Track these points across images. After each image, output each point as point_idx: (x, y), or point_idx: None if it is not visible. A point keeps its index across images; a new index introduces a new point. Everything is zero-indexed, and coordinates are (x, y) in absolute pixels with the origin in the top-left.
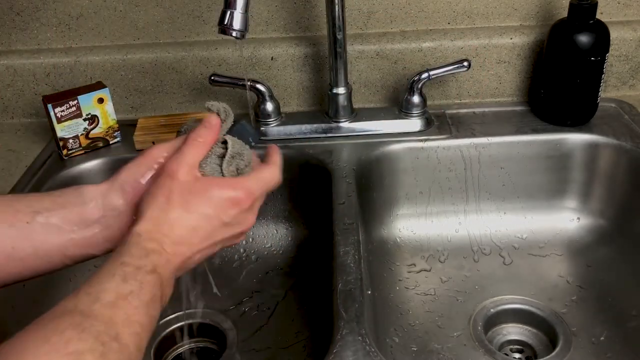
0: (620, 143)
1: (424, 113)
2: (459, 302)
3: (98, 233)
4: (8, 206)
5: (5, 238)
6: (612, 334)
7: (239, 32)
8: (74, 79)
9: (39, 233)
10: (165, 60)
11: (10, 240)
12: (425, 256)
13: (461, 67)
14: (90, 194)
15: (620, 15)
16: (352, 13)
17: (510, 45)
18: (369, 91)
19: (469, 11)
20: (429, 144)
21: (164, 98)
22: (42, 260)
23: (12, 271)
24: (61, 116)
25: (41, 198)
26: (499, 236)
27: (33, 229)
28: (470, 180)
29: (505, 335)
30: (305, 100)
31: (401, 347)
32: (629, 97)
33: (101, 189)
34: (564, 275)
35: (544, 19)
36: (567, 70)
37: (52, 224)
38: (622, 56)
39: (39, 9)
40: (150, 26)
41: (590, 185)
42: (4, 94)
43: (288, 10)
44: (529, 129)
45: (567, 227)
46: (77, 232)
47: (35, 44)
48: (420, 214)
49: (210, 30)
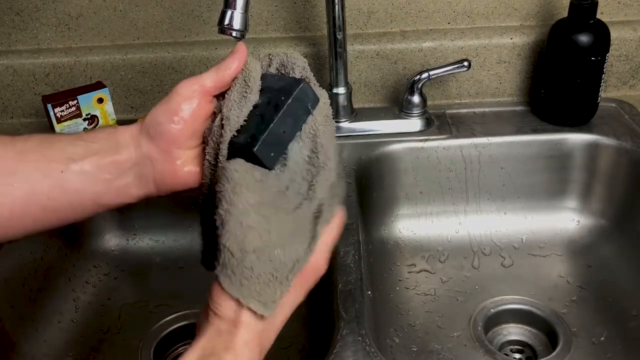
0: (620, 143)
1: (424, 113)
2: (459, 302)
3: (131, 182)
4: (41, 154)
5: (40, 189)
6: (613, 334)
7: (238, 32)
8: (73, 78)
9: (73, 182)
10: (165, 60)
11: (44, 191)
12: (426, 256)
13: (461, 67)
14: (123, 139)
15: (620, 15)
16: (352, 13)
17: (510, 45)
18: (369, 91)
19: (469, 11)
20: (429, 144)
21: (163, 98)
22: (76, 210)
23: (46, 223)
24: (61, 116)
25: (74, 142)
26: (499, 236)
27: (67, 178)
28: (470, 180)
29: (505, 336)
30: None
31: (401, 347)
32: (629, 97)
33: (132, 132)
34: (564, 275)
35: (544, 18)
36: (568, 70)
37: (86, 172)
38: (623, 56)
39: (38, 9)
40: (150, 26)
41: (590, 185)
42: (3, 94)
43: (288, 10)
44: (529, 129)
45: (568, 227)
46: (111, 180)
47: (34, 43)
48: (421, 214)
49: (210, 30)
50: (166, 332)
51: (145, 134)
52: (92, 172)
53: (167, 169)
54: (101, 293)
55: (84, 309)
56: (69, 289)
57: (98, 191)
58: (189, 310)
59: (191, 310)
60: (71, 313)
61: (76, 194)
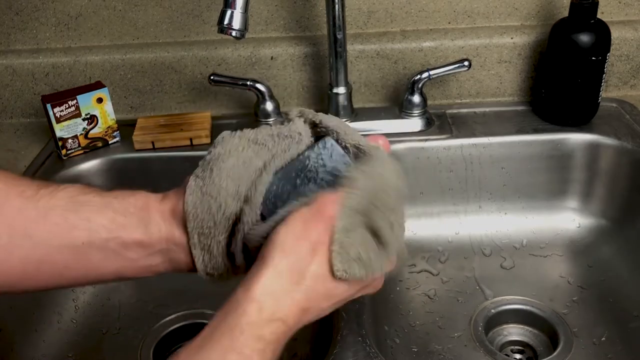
0: (621, 143)
1: (424, 113)
2: (459, 303)
3: (158, 264)
4: (64, 219)
5: (57, 257)
6: (614, 335)
7: (238, 32)
8: (73, 78)
9: (94, 256)
10: (165, 59)
11: (63, 260)
12: (426, 256)
13: (462, 66)
14: (154, 219)
15: (621, 15)
16: (352, 12)
17: (511, 45)
18: (369, 91)
19: (469, 11)
20: (429, 144)
21: (163, 98)
22: (94, 280)
23: (60, 285)
24: (60, 116)
25: (102, 210)
26: (499, 236)
27: (89, 251)
28: (471, 180)
29: (506, 336)
30: (305, 100)
31: (401, 347)
32: (630, 96)
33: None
34: (565, 275)
35: (545, 18)
36: (568, 70)
37: (109, 249)
38: (623, 56)
39: (38, 9)
40: (149, 26)
41: (591, 185)
42: (2, 94)
43: (288, 10)
44: (530, 129)
45: (568, 227)
46: (135, 260)
47: (34, 43)
48: (421, 214)
49: (210, 29)
50: (166, 332)
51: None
52: (116, 250)
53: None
54: (101, 293)
55: (84, 309)
56: (69, 289)
57: (120, 268)
58: (189, 310)
59: (191, 311)
60: (71, 313)
61: (96, 267)
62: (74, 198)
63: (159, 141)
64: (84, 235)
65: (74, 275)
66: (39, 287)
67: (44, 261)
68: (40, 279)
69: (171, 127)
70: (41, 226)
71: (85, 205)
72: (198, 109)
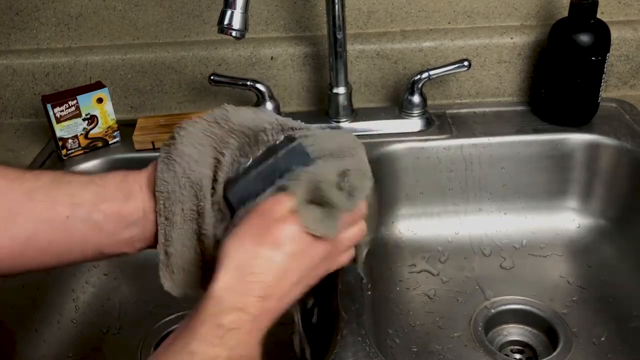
0: (621, 143)
1: (424, 113)
2: (459, 303)
3: (135, 235)
4: (48, 196)
5: (42, 232)
6: (613, 335)
7: (238, 32)
8: (73, 78)
9: (77, 229)
10: (165, 60)
11: (47, 235)
12: (426, 257)
13: (461, 66)
14: (132, 190)
15: (621, 15)
16: (352, 13)
17: (510, 45)
18: (369, 91)
19: (469, 11)
20: (429, 144)
21: (163, 98)
22: (76, 255)
23: (45, 264)
24: (60, 116)
25: (84, 186)
26: (499, 236)
27: (72, 224)
28: (470, 180)
29: (505, 336)
30: (305, 100)
31: (401, 347)
32: (629, 96)
33: (141, 183)
34: (564, 275)
35: (545, 18)
36: (568, 70)
37: (92, 221)
38: (623, 56)
39: (38, 9)
40: (149, 26)
41: (591, 186)
42: (3, 94)
43: (288, 10)
44: (530, 129)
45: (568, 227)
46: (115, 232)
47: (34, 43)
48: (421, 214)
49: (210, 29)
50: (166, 332)
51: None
52: (97, 221)
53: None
54: (101, 293)
55: (84, 309)
56: (69, 289)
57: (101, 241)
58: (189, 310)
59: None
60: (71, 313)
61: (79, 241)
62: (58, 178)
63: (159, 141)
64: (67, 210)
65: (56, 250)
66: (23, 267)
67: (30, 238)
68: (26, 257)
69: (171, 127)
70: (26, 205)
71: (69, 183)
72: (198, 109)
